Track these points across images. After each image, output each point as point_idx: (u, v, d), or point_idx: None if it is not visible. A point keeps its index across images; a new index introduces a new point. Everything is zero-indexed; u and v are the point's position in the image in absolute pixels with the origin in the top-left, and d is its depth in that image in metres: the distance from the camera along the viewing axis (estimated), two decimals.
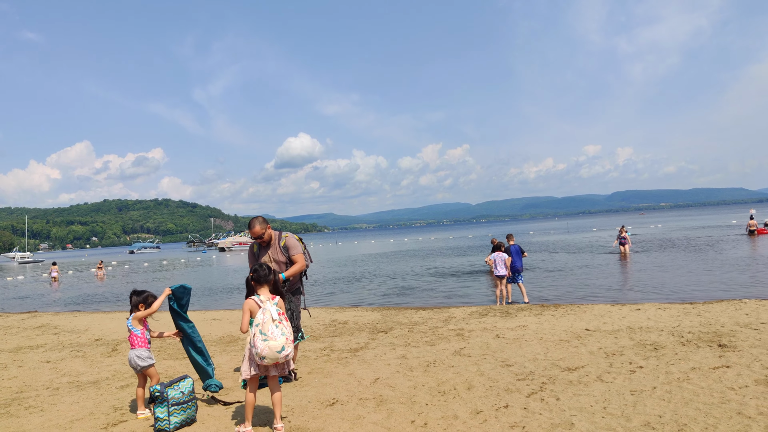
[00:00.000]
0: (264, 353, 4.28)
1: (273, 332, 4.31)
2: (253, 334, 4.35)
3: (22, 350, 9.42)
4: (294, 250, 6.20)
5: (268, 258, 6.15)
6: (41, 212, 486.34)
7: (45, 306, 19.65)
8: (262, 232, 6.10)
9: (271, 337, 4.29)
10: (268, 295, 4.58)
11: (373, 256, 39.87)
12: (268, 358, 4.31)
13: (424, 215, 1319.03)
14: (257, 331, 4.32)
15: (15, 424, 5.22)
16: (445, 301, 14.18)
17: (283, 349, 4.32)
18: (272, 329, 4.32)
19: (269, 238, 6.20)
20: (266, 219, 6.28)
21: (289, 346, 4.36)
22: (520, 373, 5.89)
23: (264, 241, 6.18)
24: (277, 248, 6.18)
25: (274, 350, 4.29)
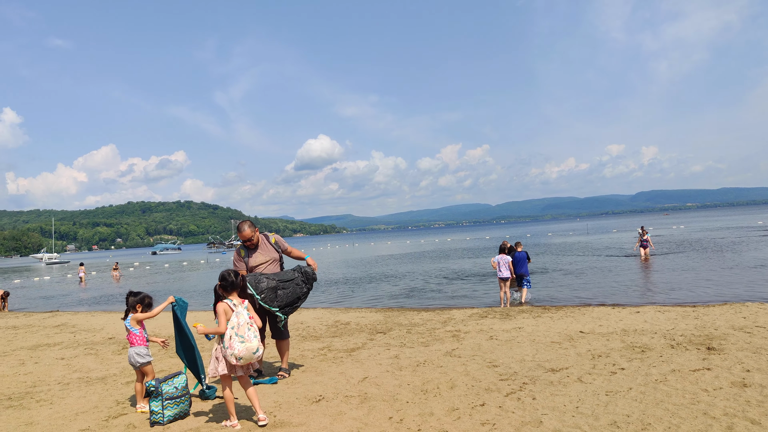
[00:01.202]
0: (241, 354, 4.59)
1: (248, 335, 4.63)
2: (228, 336, 4.63)
3: (40, 347, 9.83)
4: (284, 243, 6.63)
5: (262, 257, 6.42)
6: (68, 214, 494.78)
7: (66, 306, 20.25)
8: (251, 235, 6.38)
9: (247, 339, 4.62)
10: (237, 299, 4.86)
11: (387, 258, 40.10)
12: (244, 359, 4.62)
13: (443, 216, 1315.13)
14: (233, 333, 4.62)
15: (25, 415, 5.59)
16: (448, 303, 14.38)
17: (257, 350, 4.67)
18: (247, 332, 4.63)
19: (257, 241, 6.47)
20: (254, 222, 6.55)
21: (261, 348, 4.71)
22: (505, 373, 6.08)
23: (252, 243, 6.43)
24: (269, 247, 6.46)
25: (251, 351, 4.62)
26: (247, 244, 6.46)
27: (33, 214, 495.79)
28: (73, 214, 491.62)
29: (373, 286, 20.72)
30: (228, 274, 4.92)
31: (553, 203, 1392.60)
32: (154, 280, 33.34)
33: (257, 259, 6.44)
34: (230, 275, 4.90)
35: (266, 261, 6.43)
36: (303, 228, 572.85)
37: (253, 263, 6.44)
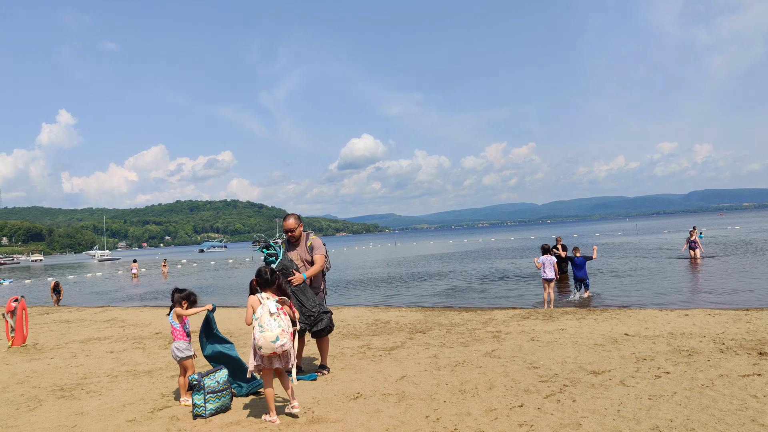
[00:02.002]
0: (260, 343, 4.68)
1: (269, 324, 4.68)
2: (253, 327, 4.74)
3: (91, 341, 10.19)
4: (317, 250, 6.52)
5: (296, 255, 6.50)
6: (119, 212, 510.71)
7: (116, 301, 20.94)
8: (295, 226, 6.49)
9: (267, 328, 4.67)
10: (270, 294, 4.95)
11: (430, 257, 39.99)
12: (264, 348, 4.69)
13: (487, 216, 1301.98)
14: (256, 324, 4.72)
15: (76, 405, 5.81)
16: (490, 304, 14.26)
17: (277, 340, 4.67)
18: (269, 321, 4.70)
19: (299, 235, 6.55)
20: (300, 217, 6.63)
21: (283, 337, 4.69)
22: (545, 375, 6.00)
23: (294, 236, 6.54)
24: (304, 247, 6.52)
25: (269, 340, 4.66)
26: (289, 236, 6.58)
27: (86, 212, 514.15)
28: (124, 213, 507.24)
29: (414, 285, 20.71)
30: (264, 271, 5.04)
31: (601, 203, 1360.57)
32: (202, 277, 34.13)
33: (291, 254, 6.56)
34: (266, 272, 5.03)
35: (295, 257, 6.55)
36: (346, 227, 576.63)
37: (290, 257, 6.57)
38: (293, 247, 6.59)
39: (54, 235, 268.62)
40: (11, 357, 8.84)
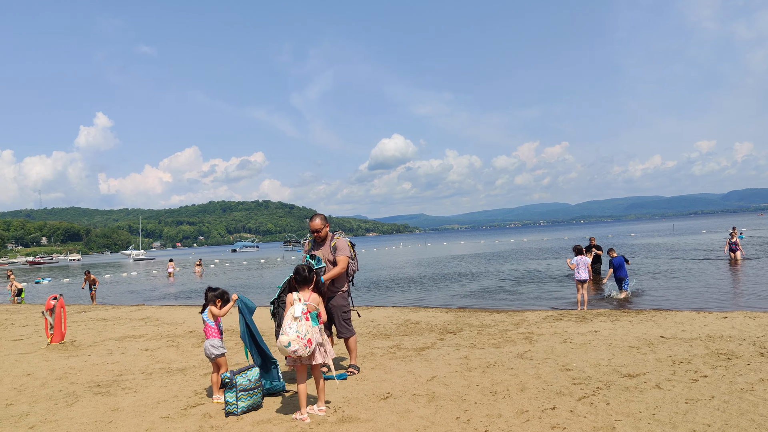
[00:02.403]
0: (278, 345, 4.77)
1: (288, 328, 4.75)
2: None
3: (126, 339, 10.40)
4: (340, 251, 6.49)
5: (320, 254, 6.53)
6: (154, 213, 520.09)
7: (150, 300, 21.34)
8: (321, 226, 6.52)
9: (285, 331, 4.74)
10: (305, 294, 4.97)
11: (460, 258, 39.79)
12: (280, 351, 4.77)
13: (520, 216, 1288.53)
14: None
15: (112, 401, 5.94)
16: (522, 305, 14.12)
17: (288, 345, 4.71)
18: (288, 325, 4.76)
19: (325, 236, 6.58)
20: (326, 217, 6.66)
21: (296, 344, 4.70)
22: (578, 377, 5.90)
23: (320, 236, 6.56)
24: (328, 247, 6.54)
25: (282, 344, 4.72)
26: (315, 236, 6.62)
27: (122, 213, 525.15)
28: (158, 213, 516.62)
29: (444, 286, 20.63)
30: (302, 269, 5.08)
31: (636, 202, 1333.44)
32: (234, 276, 34.58)
33: (316, 252, 6.59)
34: (303, 270, 5.07)
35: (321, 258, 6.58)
36: (376, 227, 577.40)
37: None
38: (318, 246, 6.63)
39: (91, 235, 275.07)
40: (50, 354, 9.07)
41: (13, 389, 6.69)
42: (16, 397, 6.32)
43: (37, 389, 6.64)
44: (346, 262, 6.50)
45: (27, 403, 6.01)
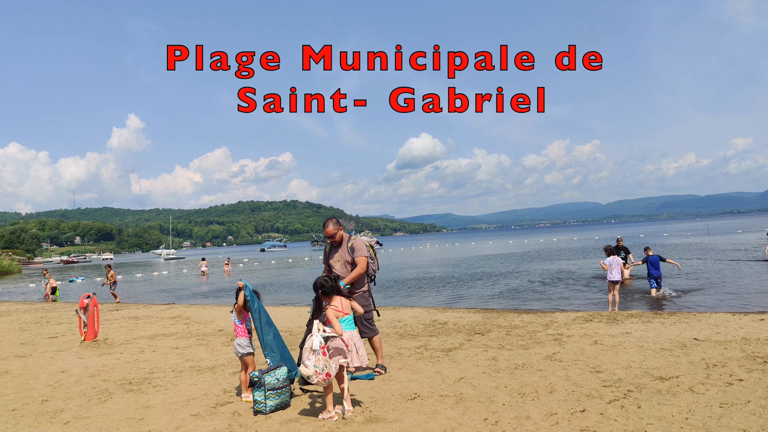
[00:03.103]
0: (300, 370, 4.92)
1: (307, 360, 4.88)
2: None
3: (157, 337, 10.56)
4: (358, 252, 6.53)
5: (339, 257, 6.58)
6: (184, 213, 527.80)
7: (181, 299, 21.65)
8: (334, 232, 6.58)
9: (305, 363, 4.88)
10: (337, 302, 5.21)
11: (488, 258, 39.52)
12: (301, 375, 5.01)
13: (549, 215, 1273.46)
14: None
15: (143, 399, 6.04)
16: (551, 306, 13.97)
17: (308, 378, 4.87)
18: (308, 357, 4.89)
19: (340, 239, 6.62)
20: (339, 221, 6.72)
21: (315, 377, 4.83)
22: (608, 380, 5.81)
23: (335, 240, 6.62)
24: (346, 248, 6.57)
25: (304, 374, 4.87)
26: (330, 241, 6.69)
27: (153, 213, 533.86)
28: (188, 213, 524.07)
29: (472, 286, 20.51)
30: (325, 280, 5.24)
31: (669, 201, 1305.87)
32: (263, 275, 34.89)
33: (334, 256, 6.67)
34: (327, 282, 5.23)
35: (338, 260, 6.63)
36: (403, 227, 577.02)
37: (331, 260, 6.70)
38: (336, 250, 6.69)
39: (123, 235, 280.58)
40: (84, 351, 9.26)
41: (48, 386, 6.85)
42: (51, 393, 6.47)
43: (71, 386, 6.79)
44: (365, 262, 6.52)
45: (62, 400, 6.15)
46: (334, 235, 6.59)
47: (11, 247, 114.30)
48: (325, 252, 6.87)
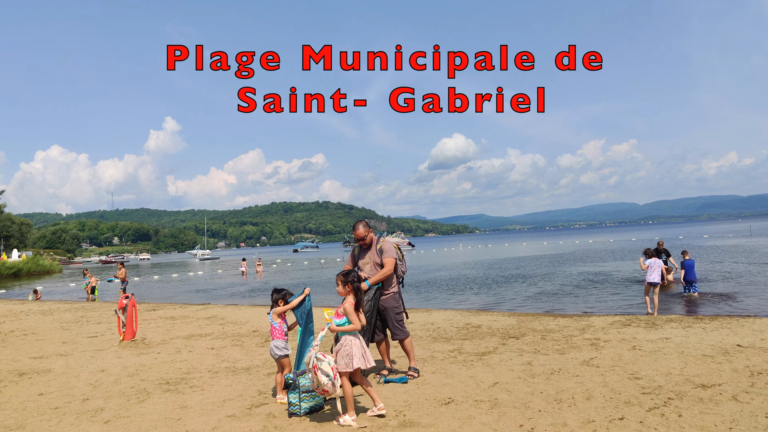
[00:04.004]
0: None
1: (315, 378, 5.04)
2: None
3: (193, 337, 10.71)
4: (387, 253, 6.52)
5: (369, 259, 6.60)
6: (219, 214, 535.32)
7: (215, 299, 21.97)
8: (364, 234, 6.60)
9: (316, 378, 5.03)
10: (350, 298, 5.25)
11: (522, 260, 39.10)
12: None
13: (584, 216, 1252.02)
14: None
15: (180, 399, 6.13)
16: (587, 309, 13.74)
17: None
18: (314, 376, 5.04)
19: (370, 241, 6.62)
20: (368, 223, 6.73)
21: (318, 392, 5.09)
22: (647, 386, 5.68)
23: (365, 243, 6.64)
24: (375, 251, 6.57)
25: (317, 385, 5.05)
26: (360, 243, 6.70)
27: (189, 214, 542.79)
28: (223, 214, 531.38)
29: (506, 288, 20.31)
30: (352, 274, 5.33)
31: (709, 202, 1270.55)
32: (296, 276, 35.18)
33: (364, 258, 6.68)
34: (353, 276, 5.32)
35: (368, 262, 6.64)
36: (435, 228, 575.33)
37: (360, 261, 6.72)
38: (365, 252, 6.71)
39: (159, 236, 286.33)
40: (123, 351, 9.45)
41: (89, 384, 7.01)
42: (91, 392, 6.61)
43: (110, 385, 6.94)
44: (393, 263, 6.50)
45: (102, 399, 6.28)
46: (365, 237, 6.61)
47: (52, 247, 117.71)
48: (353, 254, 6.89)
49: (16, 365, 8.45)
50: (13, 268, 57.26)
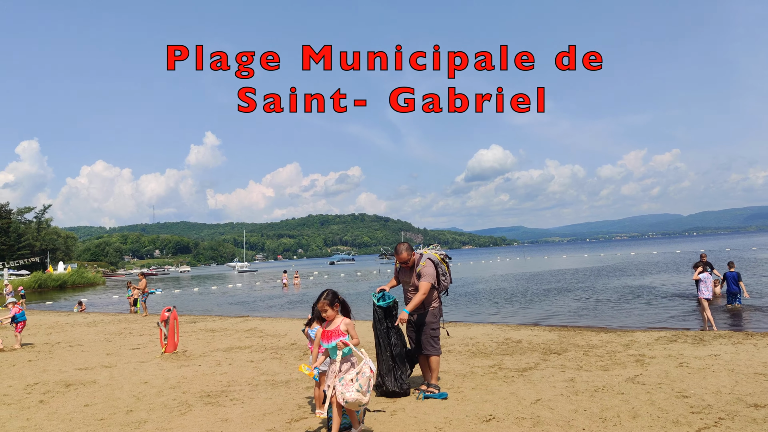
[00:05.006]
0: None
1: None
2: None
3: (233, 350, 10.82)
4: (424, 278, 6.42)
5: (407, 279, 6.61)
6: (257, 227, 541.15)
7: (254, 311, 22.18)
8: (407, 258, 6.57)
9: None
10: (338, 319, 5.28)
11: (563, 273, 38.41)
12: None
13: (626, 228, 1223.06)
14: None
15: (221, 412, 6.18)
16: (631, 324, 13.38)
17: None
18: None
19: (412, 263, 6.58)
20: (411, 246, 6.68)
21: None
22: (696, 405, 5.48)
23: (408, 266, 6.63)
24: (415, 274, 6.51)
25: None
26: (403, 265, 6.69)
27: (228, 227, 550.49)
28: (261, 227, 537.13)
29: (546, 302, 19.97)
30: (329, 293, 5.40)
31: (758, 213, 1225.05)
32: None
33: (405, 278, 6.70)
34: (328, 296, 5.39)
35: (408, 282, 6.64)
36: (472, 240, 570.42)
37: (402, 281, 6.76)
38: (405, 272, 6.70)
39: (199, 248, 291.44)
40: (165, 363, 9.60)
41: (132, 396, 7.13)
42: (135, 404, 6.73)
43: (153, 397, 7.04)
44: (428, 287, 6.38)
45: (145, 411, 6.38)
46: (407, 260, 6.60)
47: (96, 259, 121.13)
48: (396, 268, 6.88)
49: (63, 376, 8.66)
50: (59, 280, 59.08)
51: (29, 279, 57.27)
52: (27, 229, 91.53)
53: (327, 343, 5.08)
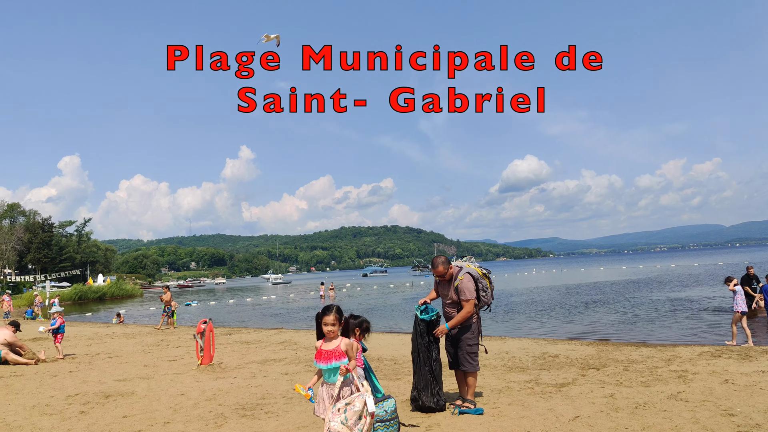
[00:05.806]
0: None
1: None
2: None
3: (267, 362, 10.86)
4: (463, 294, 6.31)
5: (446, 293, 6.54)
6: (291, 239, 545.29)
7: (289, 323, 22.30)
8: (444, 271, 6.49)
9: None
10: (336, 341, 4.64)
11: (600, 285, 37.67)
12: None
13: (666, 239, 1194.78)
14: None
15: (256, 425, 6.19)
16: (673, 339, 13.02)
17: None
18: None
19: (450, 276, 6.51)
20: (449, 260, 6.62)
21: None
22: (743, 424, 5.27)
23: (445, 279, 6.55)
24: (453, 287, 6.42)
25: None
26: (441, 279, 6.63)
27: (262, 239, 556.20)
28: (294, 239, 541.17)
29: (584, 315, 19.59)
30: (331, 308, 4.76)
31: None
32: (365, 301, 35.26)
33: (443, 291, 6.63)
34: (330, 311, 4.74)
35: (445, 295, 6.57)
36: (506, 251, 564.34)
37: (441, 293, 6.70)
38: (444, 285, 6.64)
39: (234, 260, 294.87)
40: (201, 375, 9.69)
41: (170, 408, 7.20)
42: (172, 416, 6.79)
43: (189, 409, 7.10)
44: (472, 305, 6.31)
45: (182, 423, 6.43)
46: (444, 274, 6.54)
47: (134, 272, 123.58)
48: (436, 280, 6.82)
49: (102, 387, 8.81)
50: (98, 292, 60.47)
51: (70, 291, 58.78)
52: (68, 242, 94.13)
53: (325, 364, 4.49)
